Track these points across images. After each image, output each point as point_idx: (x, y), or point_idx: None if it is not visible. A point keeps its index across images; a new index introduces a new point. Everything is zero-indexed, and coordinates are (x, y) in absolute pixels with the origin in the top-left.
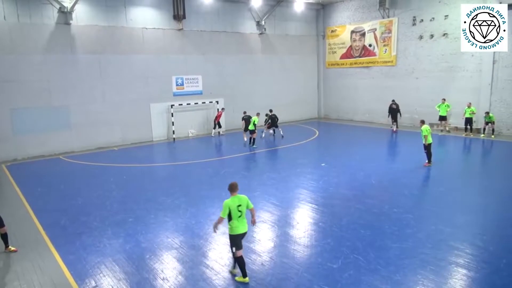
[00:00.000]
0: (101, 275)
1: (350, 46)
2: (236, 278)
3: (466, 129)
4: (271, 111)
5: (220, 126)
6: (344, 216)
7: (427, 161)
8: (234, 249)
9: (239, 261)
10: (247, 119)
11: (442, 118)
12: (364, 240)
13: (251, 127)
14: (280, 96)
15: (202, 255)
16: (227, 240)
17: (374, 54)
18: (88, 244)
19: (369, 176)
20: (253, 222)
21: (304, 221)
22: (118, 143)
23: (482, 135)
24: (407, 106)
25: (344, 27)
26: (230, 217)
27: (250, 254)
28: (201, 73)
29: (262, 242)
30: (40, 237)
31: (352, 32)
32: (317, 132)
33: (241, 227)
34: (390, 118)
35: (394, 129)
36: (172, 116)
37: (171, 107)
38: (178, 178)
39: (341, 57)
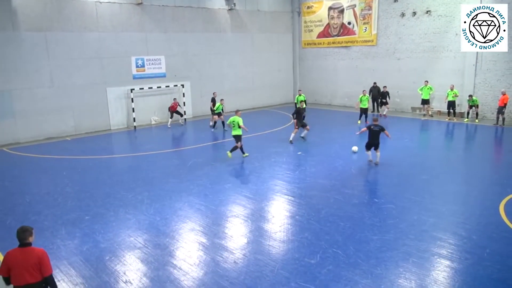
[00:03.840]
0: (55, 280)
1: (328, 24)
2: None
3: (449, 113)
4: (300, 94)
5: (181, 115)
6: (323, 208)
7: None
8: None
9: (235, 148)
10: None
11: (425, 102)
12: (344, 233)
13: (218, 109)
14: (252, 79)
15: (169, 255)
16: (195, 237)
17: (354, 33)
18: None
19: (348, 165)
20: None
21: (279, 214)
22: (70, 132)
23: (466, 119)
24: (388, 89)
25: (321, 3)
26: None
27: (221, 252)
28: (164, 54)
29: (235, 238)
30: None
31: (330, 8)
32: (293, 118)
33: (233, 132)
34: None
35: (384, 113)
36: (132, 101)
37: (131, 92)
38: (141, 170)
39: (318, 36)
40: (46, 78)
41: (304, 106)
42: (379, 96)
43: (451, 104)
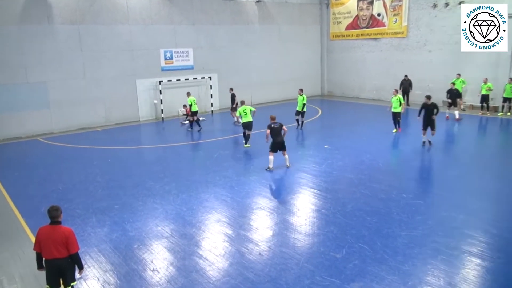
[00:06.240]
0: (85, 266)
1: (357, 15)
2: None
3: (482, 107)
4: (301, 95)
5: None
6: (349, 202)
7: (395, 128)
8: (244, 131)
9: (245, 136)
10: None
11: (457, 96)
12: (370, 228)
13: (194, 108)
14: (279, 71)
15: (195, 245)
16: (221, 228)
17: (383, 25)
18: None
19: (376, 159)
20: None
21: (305, 207)
22: (101, 123)
23: (500, 113)
24: (418, 82)
25: None
26: (240, 116)
27: (246, 243)
28: (192, 46)
29: (260, 230)
30: (19, 226)
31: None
32: (320, 111)
33: (245, 119)
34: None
35: (457, 117)
36: (161, 93)
37: (160, 84)
38: (168, 161)
39: (347, 28)
40: (79, 70)
41: (304, 109)
42: (410, 89)
43: (485, 98)
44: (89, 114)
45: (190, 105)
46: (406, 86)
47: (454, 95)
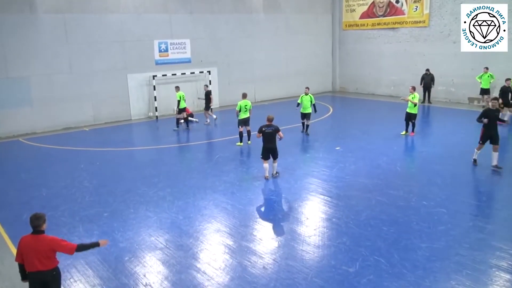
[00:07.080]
0: (71, 280)
1: (373, 2)
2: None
3: None
4: (307, 94)
5: (192, 116)
6: (363, 211)
7: (405, 130)
8: (239, 127)
9: (240, 135)
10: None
11: (485, 92)
12: (387, 239)
13: (182, 105)
14: (286, 65)
15: (192, 257)
16: (221, 239)
17: (402, 13)
18: None
19: (393, 162)
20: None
21: (314, 216)
22: (89, 122)
23: None
24: (441, 77)
25: None
26: (240, 110)
27: (249, 256)
28: (189, 37)
29: (264, 241)
30: None
31: None
32: (331, 109)
33: (244, 115)
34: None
35: (506, 118)
36: (155, 89)
37: (153, 79)
38: (163, 164)
39: (361, 17)
40: (64, 63)
41: (315, 111)
42: (432, 84)
43: None
44: (75, 112)
45: (178, 101)
46: (427, 82)
47: (507, 95)
